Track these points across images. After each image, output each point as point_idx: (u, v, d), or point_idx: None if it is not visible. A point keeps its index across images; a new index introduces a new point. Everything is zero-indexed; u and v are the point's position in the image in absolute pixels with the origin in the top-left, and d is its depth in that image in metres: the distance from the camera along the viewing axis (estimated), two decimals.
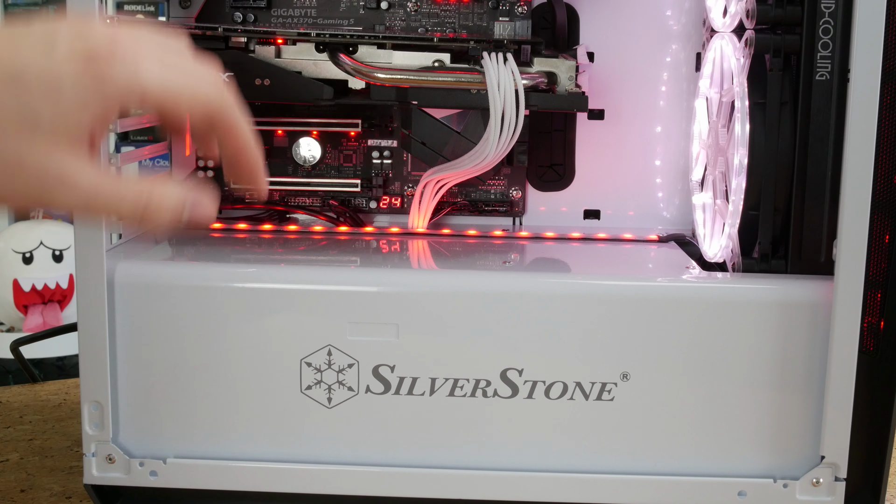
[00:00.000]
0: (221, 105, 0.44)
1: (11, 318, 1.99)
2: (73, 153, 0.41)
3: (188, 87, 0.43)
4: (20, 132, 0.40)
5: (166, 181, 0.44)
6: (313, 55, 0.64)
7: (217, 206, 0.45)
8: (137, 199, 0.43)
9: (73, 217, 0.44)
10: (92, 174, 0.42)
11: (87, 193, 0.42)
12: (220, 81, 0.44)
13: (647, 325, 0.58)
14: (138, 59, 0.42)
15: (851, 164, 0.55)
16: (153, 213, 0.43)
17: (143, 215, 0.43)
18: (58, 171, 0.41)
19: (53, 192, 0.41)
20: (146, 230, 0.45)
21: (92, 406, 0.59)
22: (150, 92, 0.42)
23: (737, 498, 0.59)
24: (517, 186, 0.76)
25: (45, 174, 0.41)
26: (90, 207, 0.42)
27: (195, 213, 0.44)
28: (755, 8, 0.58)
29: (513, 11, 0.73)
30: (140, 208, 0.43)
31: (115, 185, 0.42)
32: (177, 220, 0.44)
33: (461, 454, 0.60)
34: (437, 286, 0.59)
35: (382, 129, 0.75)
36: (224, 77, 0.44)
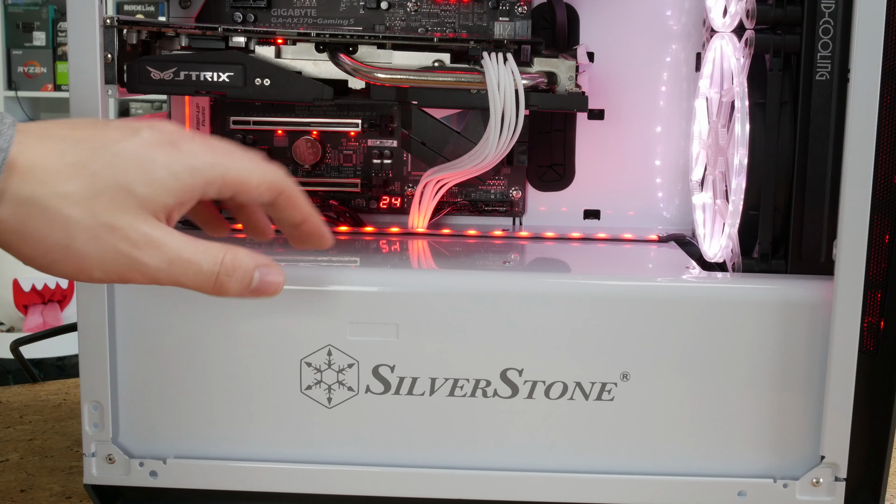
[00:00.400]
0: (285, 185, 0.50)
1: (11, 318, 1.99)
2: (158, 223, 0.46)
3: (257, 172, 0.49)
4: (114, 199, 0.44)
5: (240, 249, 0.48)
6: (313, 55, 0.64)
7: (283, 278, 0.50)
8: (213, 265, 0.47)
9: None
10: (176, 238, 0.46)
11: (171, 256, 0.46)
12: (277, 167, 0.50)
13: (647, 325, 0.58)
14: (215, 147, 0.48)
15: (851, 164, 0.55)
16: (227, 280, 0.47)
17: (217, 282, 0.47)
18: (146, 233, 0.45)
19: (142, 253, 0.45)
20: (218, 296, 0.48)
21: (92, 406, 0.59)
22: (229, 176, 0.47)
23: (737, 498, 0.59)
24: (517, 186, 0.76)
25: (135, 235, 0.44)
26: (173, 271, 0.46)
27: (265, 282, 0.49)
28: (755, 8, 0.58)
29: (513, 11, 0.73)
30: (214, 275, 0.47)
31: (196, 249, 0.47)
32: (246, 287, 0.49)
33: (461, 454, 0.60)
34: (437, 286, 0.59)
35: (382, 129, 0.75)
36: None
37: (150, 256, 0.45)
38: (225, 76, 0.62)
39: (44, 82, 3.01)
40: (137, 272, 0.46)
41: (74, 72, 0.57)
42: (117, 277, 0.46)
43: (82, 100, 0.57)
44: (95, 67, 0.57)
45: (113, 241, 0.44)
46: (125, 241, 0.45)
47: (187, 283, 0.47)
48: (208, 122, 0.75)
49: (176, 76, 0.61)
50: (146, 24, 0.61)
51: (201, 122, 0.75)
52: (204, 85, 0.62)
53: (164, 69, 0.61)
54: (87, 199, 0.44)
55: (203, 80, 0.62)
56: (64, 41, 2.90)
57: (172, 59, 0.62)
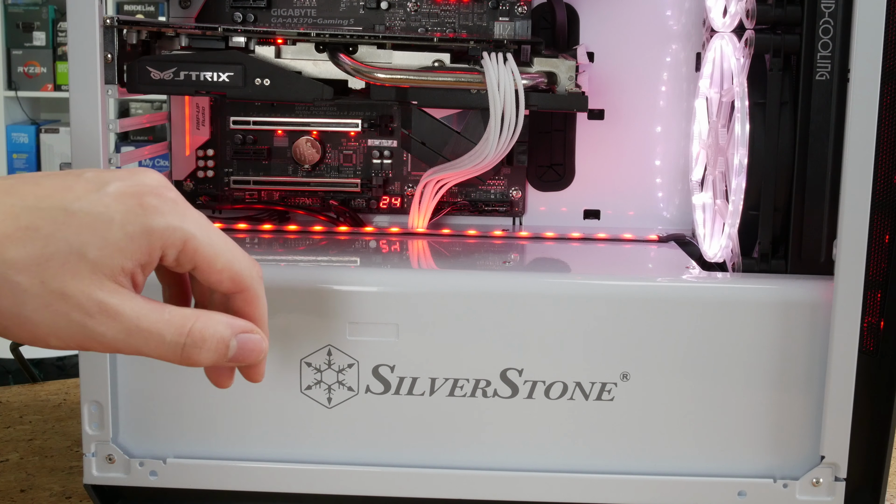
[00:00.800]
0: (251, 284, 0.45)
1: None
2: (115, 288, 0.42)
3: (226, 256, 0.44)
4: (65, 264, 0.41)
5: (213, 314, 0.44)
6: (313, 55, 0.64)
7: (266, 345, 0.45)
8: (178, 335, 0.43)
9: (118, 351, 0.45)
10: (134, 306, 0.42)
11: (128, 325, 0.42)
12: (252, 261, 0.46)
13: (647, 325, 0.58)
14: (185, 211, 0.44)
15: (851, 164, 0.55)
16: (194, 352, 0.43)
17: (183, 354, 0.43)
18: (100, 302, 0.42)
19: (96, 322, 0.42)
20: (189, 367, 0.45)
21: (92, 406, 0.59)
22: (190, 243, 0.43)
23: (737, 498, 0.59)
24: (517, 186, 0.76)
25: (88, 304, 0.41)
26: (131, 342, 0.42)
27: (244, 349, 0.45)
28: (755, 8, 0.58)
29: (513, 11, 0.73)
30: (179, 346, 0.43)
31: (158, 318, 0.43)
32: (222, 357, 0.44)
33: (461, 454, 0.60)
34: (437, 286, 0.59)
35: (382, 129, 0.75)
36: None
37: (105, 326, 0.42)
38: (225, 76, 0.62)
39: (44, 82, 3.01)
40: (94, 341, 0.42)
41: (74, 72, 0.57)
42: (74, 345, 0.43)
43: (82, 100, 0.57)
44: (95, 67, 0.57)
45: (65, 309, 0.41)
46: (77, 310, 0.42)
47: (151, 354, 0.43)
48: (208, 122, 0.75)
49: (176, 76, 0.61)
50: (146, 24, 0.61)
51: (201, 122, 0.75)
52: (204, 85, 0.62)
53: (164, 69, 0.61)
54: (36, 265, 0.41)
55: (203, 80, 0.62)
56: (64, 41, 2.90)
57: (172, 59, 0.62)
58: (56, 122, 3.06)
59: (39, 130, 3.02)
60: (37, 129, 3.02)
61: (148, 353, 0.43)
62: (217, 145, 0.75)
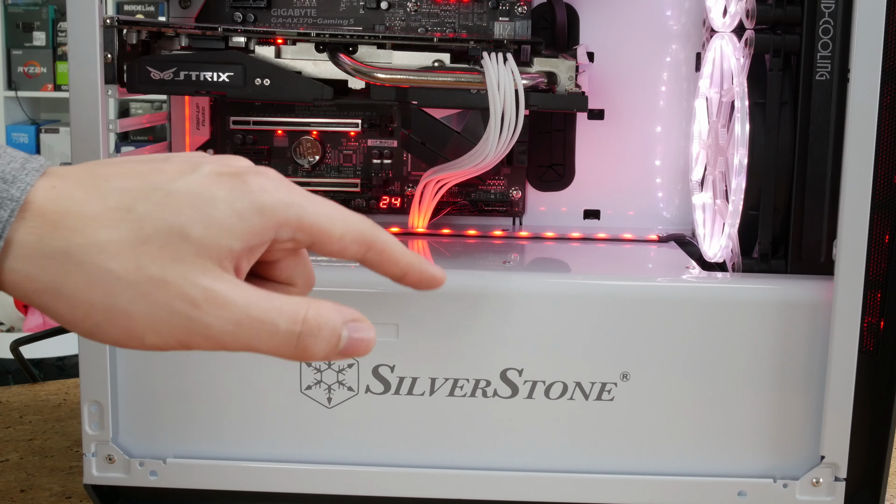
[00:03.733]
0: (375, 237, 0.42)
1: (11, 318, 1.99)
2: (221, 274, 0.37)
3: (341, 221, 0.40)
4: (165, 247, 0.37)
5: (323, 303, 0.40)
6: (313, 55, 0.64)
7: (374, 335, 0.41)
8: (292, 324, 0.38)
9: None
10: (244, 292, 0.38)
11: (238, 315, 0.37)
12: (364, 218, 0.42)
13: (647, 325, 0.58)
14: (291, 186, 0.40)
15: (851, 164, 0.55)
16: (311, 342, 0.39)
17: (297, 346, 0.39)
18: (206, 288, 0.37)
19: (202, 312, 0.37)
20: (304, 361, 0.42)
21: (92, 406, 0.59)
22: (306, 217, 0.39)
23: (737, 498, 0.59)
24: (517, 186, 0.76)
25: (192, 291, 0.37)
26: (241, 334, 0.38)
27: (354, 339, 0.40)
28: (755, 8, 0.58)
29: (513, 11, 0.73)
30: (294, 336, 0.39)
31: (269, 305, 0.38)
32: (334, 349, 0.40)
33: (461, 454, 0.60)
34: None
35: (382, 129, 0.75)
36: None
37: (212, 317, 0.37)
38: (225, 76, 0.62)
39: (44, 82, 3.01)
40: (199, 335, 0.37)
41: (74, 72, 0.57)
42: (175, 342, 0.37)
43: (82, 100, 0.57)
44: (95, 67, 0.57)
45: (165, 298, 0.36)
46: (180, 299, 0.37)
47: (261, 348, 0.38)
48: (208, 122, 0.75)
49: (176, 76, 0.61)
50: (146, 24, 0.61)
51: (201, 122, 0.75)
52: (204, 85, 0.62)
53: (164, 69, 0.61)
54: (132, 249, 0.36)
55: (203, 80, 0.62)
56: (64, 41, 2.89)
57: (172, 59, 0.62)
58: (56, 122, 3.06)
59: (39, 130, 3.02)
60: (37, 129, 3.02)
61: (258, 347, 0.38)
62: (217, 145, 0.75)
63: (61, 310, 0.37)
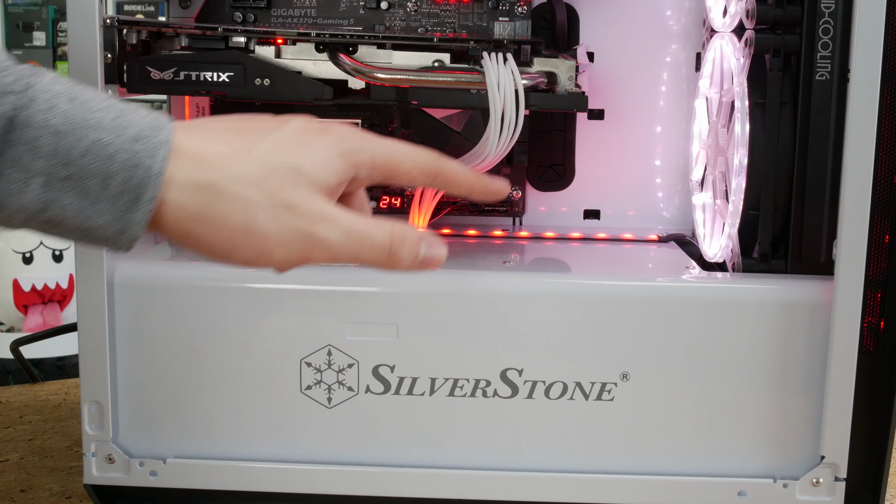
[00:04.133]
0: (440, 167, 0.50)
1: (11, 318, 1.99)
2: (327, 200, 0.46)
3: (408, 156, 0.49)
4: (286, 177, 0.45)
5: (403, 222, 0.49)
6: (313, 55, 0.64)
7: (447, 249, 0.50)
8: (385, 237, 0.47)
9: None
10: (346, 213, 0.46)
11: (346, 229, 0.46)
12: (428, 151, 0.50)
13: (647, 325, 0.58)
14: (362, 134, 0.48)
15: (851, 164, 0.55)
16: (399, 250, 0.48)
17: (389, 254, 0.47)
18: (321, 209, 0.45)
19: (320, 228, 0.45)
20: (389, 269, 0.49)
21: (92, 406, 0.59)
22: (378, 158, 0.48)
23: (737, 498, 0.59)
24: (517, 186, 0.76)
25: (311, 212, 0.45)
26: (350, 245, 0.46)
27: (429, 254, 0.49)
28: (755, 8, 0.58)
29: (513, 11, 0.73)
30: (386, 249, 0.47)
31: (366, 223, 0.46)
32: (415, 259, 0.49)
33: (461, 454, 0.60)
34: (437, 286, 0.59)
35: (382, 129, 0.75)
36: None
37: (328, 231, 0.45)
38: (225, 76, 0.62)
39: None
40: (317, 248, 0.46)
41: (74, 72, 0.57)
42: (297, 257, 0.46)
43: None
44: (95, 67, 0.57)
45: (290, 218, 0.45)
46: (302, 218, 0.45)
47: (363, 257, 0.47)
48: None
49: (176, 76, 0.61)
50: (146, 24, 0.61)
51: None
52: (204, 85, 0.62)
53: (164, 69, 0.61)
54: (262, 179, 0.44)
55: (203, 80, 0.62)
56: (64, 41, 2.89)
57: (172, 59, 0.62)
58: None
59: None
60: None
61: (362, 257, 0.47)
62: None
63: (205, 235, 0.44)
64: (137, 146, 0.43)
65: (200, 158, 0.44)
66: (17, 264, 1.95)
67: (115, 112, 0.43)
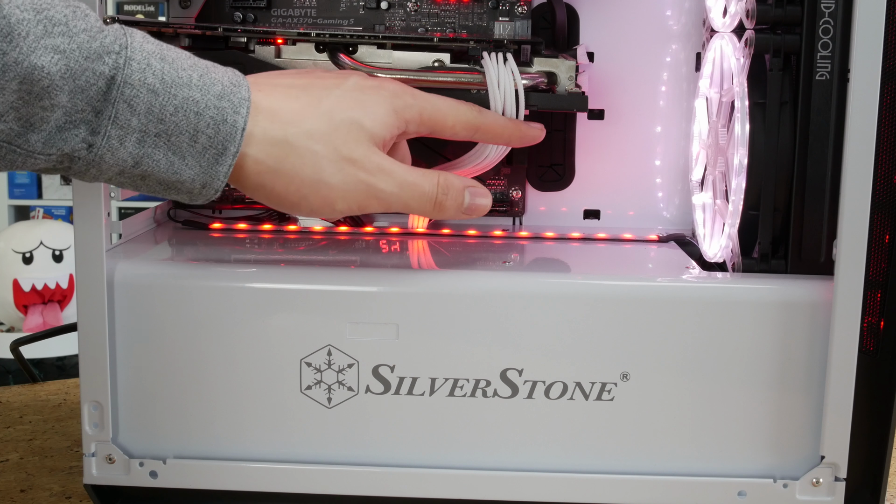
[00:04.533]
0: (480, 122, 0.55)
1: (11, 318, 1.99)
2: (383, 153, 0.51)
3: (451, 112, 0.54)
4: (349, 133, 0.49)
5: (448, 173, 0.54)
6: (313, 55, 0.64)
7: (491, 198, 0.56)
8: (432, 186, 0.52)
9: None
10: (399, 166, 0.51)
11: (400, 180, 0.51)
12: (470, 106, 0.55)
13: (647, 325, 0.58)
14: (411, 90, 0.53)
15: (851, 164, 0.55)
16: (444, 199, 0.53)
17: (437, 201, 0.53)
18: (379, 163, 0.50)
19: (378, 179, 0.50)
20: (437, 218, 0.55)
21: (92, 406, 0.59)
22: (424, 113, 0.53)
23: (737, 498, 0.59)
24: (517, 186, 0.76)
25: (370, 165, 0.50)
26: (402, 194, 0.51)
27: (474, 203, 0.55)
28: (755, 8, 0.58)
29: (513, 11, 0.73)
30: (434, 195, 0.52)
31: (416, 173, 0.52)
32: (460, 207, 0.54)
33: (461, 454, 0.60)
34: (437, 286, 0.59)
35: None
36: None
37: (384, 182, 0.50)
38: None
39: None
40: (374, 198, 0.50)
41: None
42: (357, 206, 0.50)
43: None
44: None
45: (353, 170, 0.49)
46: (363, 171, 0.49)
47: (413, 206, 0.52)
48: None
49: None
50: (146, 24, 0.61)
51: None
52: None
53: None
54: (328, 135, 0.48)
55: None
56: None
57: None
58: None
59: None
60: None
61: (412, 206, 0.52)
62: None
63: (278, 186, 0.48)
64: (223, 103, 0.46)
65: (275, 114, 0.48)
66: (17, 264, 1.95)
67: (199, 70, 0.46)
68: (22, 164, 0.43)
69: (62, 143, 0.43)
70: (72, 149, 0.44)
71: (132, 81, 0.44)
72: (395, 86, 0.52)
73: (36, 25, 0.41)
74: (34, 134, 0.43)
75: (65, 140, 0.43)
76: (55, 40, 0.41)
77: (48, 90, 0.41)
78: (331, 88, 0.50)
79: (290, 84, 0.50)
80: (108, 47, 0.44)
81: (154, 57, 0.45)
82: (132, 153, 0.45)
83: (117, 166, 0.45)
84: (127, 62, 0.44)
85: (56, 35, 0.41)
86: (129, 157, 0.45)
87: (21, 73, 0.40)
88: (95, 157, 0.44)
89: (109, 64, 0.43)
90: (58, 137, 0.43)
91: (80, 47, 0.42)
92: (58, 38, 0.41)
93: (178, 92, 0.45)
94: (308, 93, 0.49)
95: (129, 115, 0.44)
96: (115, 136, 0.44)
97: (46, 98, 0.42)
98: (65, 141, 0.43)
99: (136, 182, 0.46)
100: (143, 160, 0.45)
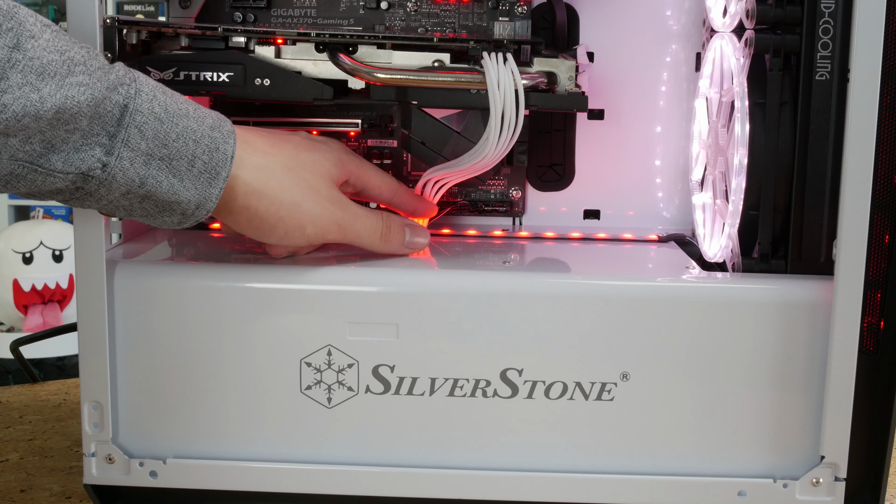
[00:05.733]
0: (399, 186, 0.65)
1: (11, 318, 1.99)
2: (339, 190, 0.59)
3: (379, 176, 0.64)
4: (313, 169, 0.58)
5: (392, 215, 0.62)
6: (313, 55, 0.64)
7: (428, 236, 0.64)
8: (379, 221, 0.61)
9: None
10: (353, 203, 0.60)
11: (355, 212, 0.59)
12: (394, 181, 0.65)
13: (647, 325, 0.58)
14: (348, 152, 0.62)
15: (851, 164, 0.55)
16: (388, 234, 0.61)
17: (383, 233, 0.61)
18: (337, 196, 0.58)
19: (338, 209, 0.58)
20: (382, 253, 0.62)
21: (92, 406, 0.59)
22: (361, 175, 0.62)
23: (737, 498, 0.59)
24: (517, 186, 0.76)
25: (332, 196, 0.58)
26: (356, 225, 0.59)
27: (413, 239, 0.63)
28: (755, 8, 0.58)
29: (513, 11, 0.73)
30: (381, 228, 0.61)
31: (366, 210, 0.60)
32: (402, 243, 0.62)
33: (461, 454, 0.60)
34: (437, 286, 0.59)
35: (382, 129, 0.75)
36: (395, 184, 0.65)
37: (342, 213, 0.58)
38: (225, 76, 0.62)
39: None
40: (336, 225, 0.57)
41: None
42: (322, 232, 0.57)
43: None
44: None
45: (319, 199, 0.57)
46: (327, 200, 0.57)
47: (365, 236, 0.60)
48: None
49: (176, 76, 0.61)
50: (146, 24, 0.61)
51: None
52: (204, 85, 0.62)
53: (164, 69, 0.61)
54: (296, 168, 0.56)
55: (203, 80, 0.62)
56: None
57: (172, 59, 0.62)
58: None
59: None
60: None
61: (363, 237, 0.60)
62: None
63: (261, 207, 0.55)
64: (215, 133, 0.52)
65: (254, 146, 0.55)
66: (17, 264, 1.95)
67: (193, 104, 0.53)
68: (42, 183, 0.49)
69: (80, 163, 0.49)
70: (88, 167, 0.49)
71: (142, 109, 0.50)
72: (340, 146, 0.62)
73: (62, 66, 0.47)
74: (55, 154, 0.48)
75: (82, 160, 0.49)
76: (78, 77, 0.47)
77: (75, 116, 0.48)
78: (289, 136, 0.58)
79: (255, 129, 0.57)
80: (121, 80, 0.50)
81: (158, 90, 0.51)
82: (139, 173, 0.50)
83: (126, 185, 0.50)
84: (137, 93, 0.50)
85: (78, 73, 0.47)
86: (136, 177, 0.50)
87: (57, 104, 0.46)
88: (108, 175, 0.50)
89: (122, 94, 0.49)
90: (75, 157, 0.48)
91: (100, 80, 0.48)
92: (80, 76, 0.47)
93: (178, 121, 0.51)
94: (272, 135, 0.57)
95: (138, 139, 0.50)
96: (126, 157, 0.50)
97: (72, 122, 0.48)
98: (82, 160, 0.49)
99: (134, 205, 0.52)
100: (148, 180, 0.51)
